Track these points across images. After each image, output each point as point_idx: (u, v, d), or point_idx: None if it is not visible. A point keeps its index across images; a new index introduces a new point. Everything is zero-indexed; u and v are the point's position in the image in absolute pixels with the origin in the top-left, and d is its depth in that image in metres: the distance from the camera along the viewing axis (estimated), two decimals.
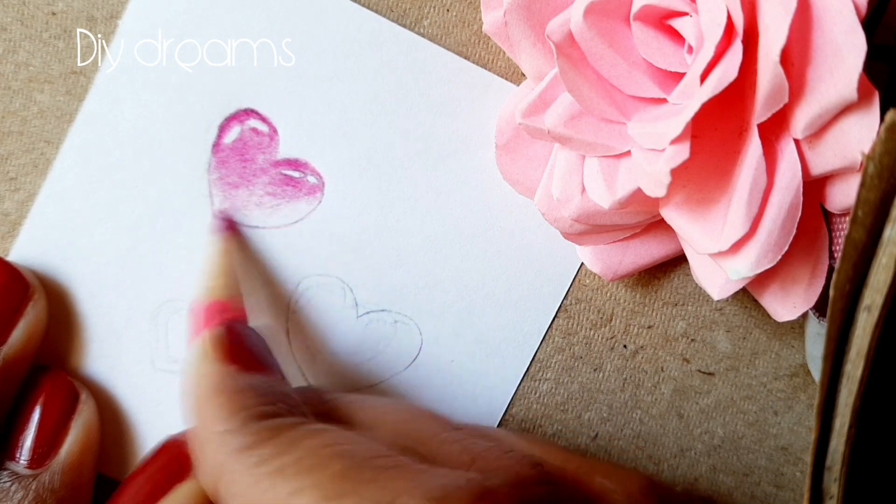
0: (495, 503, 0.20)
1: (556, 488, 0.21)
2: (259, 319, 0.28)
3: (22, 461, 0.25)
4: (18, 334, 0.26)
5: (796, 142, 0.23)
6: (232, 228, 0.28)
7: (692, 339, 0.29)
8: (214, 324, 0.24)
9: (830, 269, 0.25)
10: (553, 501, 0.21)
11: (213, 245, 0.27)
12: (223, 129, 0.28)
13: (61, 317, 0.28)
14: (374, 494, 0.19)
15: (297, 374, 0.29)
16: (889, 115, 0.17)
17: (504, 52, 0.28)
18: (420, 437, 0.24)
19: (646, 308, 0.29)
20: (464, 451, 0.23)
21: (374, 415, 0.25)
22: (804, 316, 0.26)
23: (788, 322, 0.27)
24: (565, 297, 0.29)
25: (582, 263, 0.28)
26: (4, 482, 0.25)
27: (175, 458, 0.25)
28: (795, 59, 0.21)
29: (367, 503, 0.19)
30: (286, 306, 0.28)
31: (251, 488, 0.20)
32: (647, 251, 0.27)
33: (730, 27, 0.21)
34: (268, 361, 0.24)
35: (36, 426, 0.26)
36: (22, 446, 0.26)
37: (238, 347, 0.24)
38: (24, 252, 0.28)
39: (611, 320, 0.29)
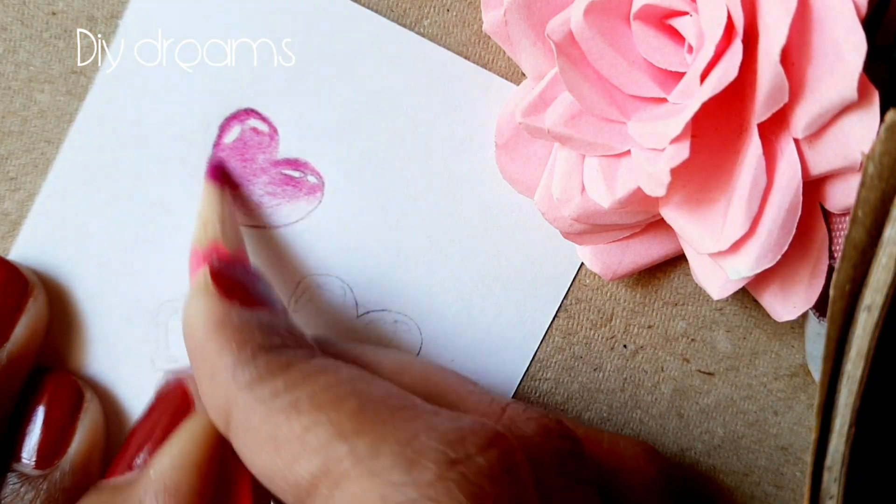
0: (507, 449, 0.19)
1: (580, 443, 0.21)
2: None
3: (28, 461, 0.25)
4: (20, 331, 0.26)
5: (796, 141, 0.23)
6: (224, 181, 0.27)
7: (692, 339, 0.29)
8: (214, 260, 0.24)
9: (830, 269, 0.25)
10: (577, 454, 0.21)
11: (208, 191, 0.26)
12: (224, 128, 0.28)
13: (61, 316, 0.28)
14: (392, 433, 0.19)
15: None
16: (889, 115, 0.17)
17: (504, 52, 0.28)
18: (448, 386, 0.23)
19: (646, 308, 0.29)
20: (493, 402, 0.22)
21: (400, 361, 0.24)
22: (804, 316, 0.26)
23: (788, 322, 0.27)
24: (565, 297, 0.29)
25: (582, 263, 0.28)
26: (14, 483, 0.25)
27: (178, 398, 0.24)
28: (795, 58, 0.21)
29: (386, 442, 0.19)
30: (286, 305, 0.28)
31: (264, 423, 0.20)
32: (647, 251, 0.27)
33: (730, 27, 0.21)
34: (271, 298, 0.23)
35: (41, 426, 0.26)
36: (27, 447, 0.25)
37: (240, 283, 0.23)
38: (25, 252, 0.28)
39: (611, 320, 0.29)
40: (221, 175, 0.27)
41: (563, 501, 0.21)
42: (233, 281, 0.23)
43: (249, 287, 0.23)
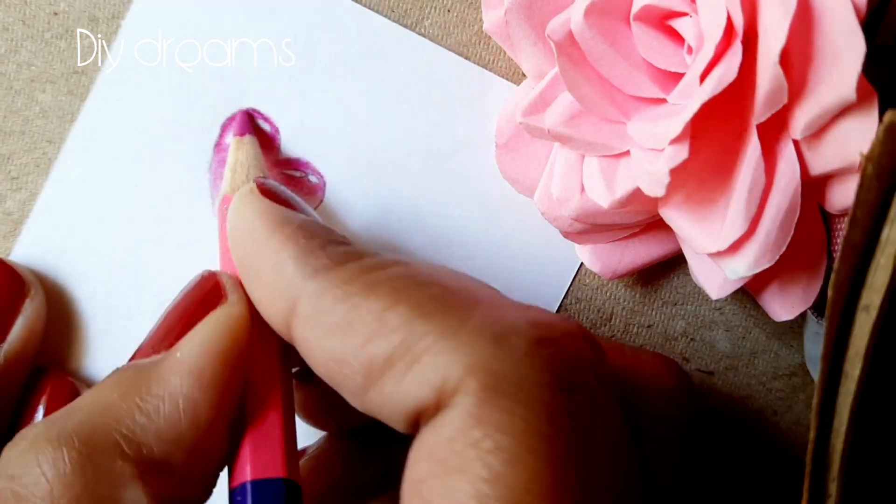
0: (588, 343, 0.19)
1: (602, 349, 0.21)
2: None
3: None
4: (17, 332, 0.26)
5: (795, 142, 0.23)
6: (257, 132, 0.27)
7: (691, 339, 0.29)
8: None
9: (829, 270, 0.25)
10: (601, 358, 0.21)
11: (241, 147, 0.26)
12: (225, 128, 0.28)
13: (62, 316, 0.28)
14: (477, 314, 0.19)
15: None
16: (888, 116, 0.17)
17: (505, 53, 0.28)
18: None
19: (645, 307, 0.29)
20: (528, 307, 0.22)
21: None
22: (803, 316, 0.26)
23: (787, 322, 0.27)
24: (565, 297, 0.29)
25: (582, 263, 0.28)
26: None
27: (209, 289, 0.23)
28: (795, 59, 0.21)
29: (471, 320, 0.18)
30: None
31: (339, 303, 0.19)
32: (647, 250, 0.27)
33: (730, 28, 0.21)
34: (315, 214, 0.23)
35: None
36: None
37: (286, 196, 0.23)
38: (26, 251, 0.28)
39: (610, 319, 0.29)
40: (249, 127, 0.27)
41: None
42: (279, 193, 0.23)
43: (295, 202, 0.23)
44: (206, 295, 0.22)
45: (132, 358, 0.22)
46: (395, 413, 0.19)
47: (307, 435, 0.27)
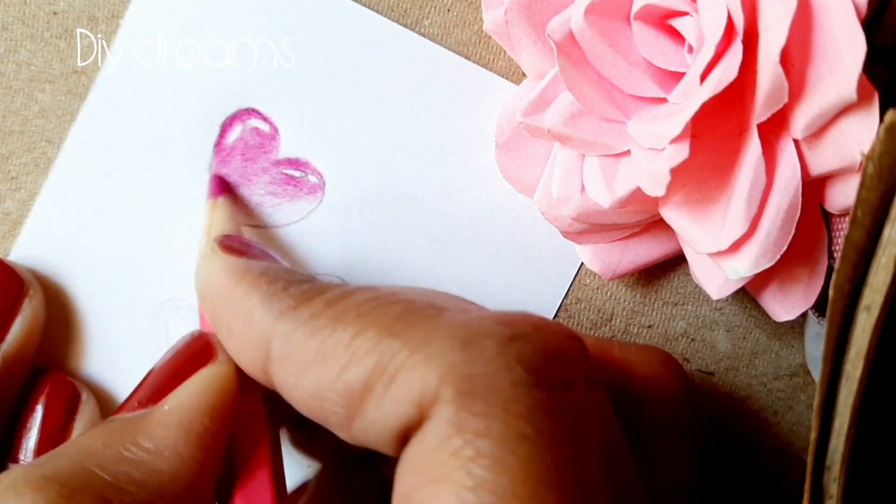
0: (557, 332, 0.19)
1: (585, 347, 0.21)
2: None
3: (26, 462, 0.25)
4: (16, 332, 0.26)
5: (796, 142, 0.23)
6: (228, 191, 0.27)
7: (692, 339, 0.29)
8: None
9: (829, 270, 0.25)
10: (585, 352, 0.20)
11: (215, 209, 0.26)
12: (225, 128, 0.28)
13: (61, 316, 0.28)
14: (444, 322, 0.18)
15: None
16: (888, 116, 0.17)
17: (505, 53, 0.28)
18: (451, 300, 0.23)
19: (646, 308, 0.29)
20: (497, 311, 0.22)
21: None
22: (804, 316, 0.26)
23: (788, 322, 0.27)
24: (565, 297, 0.29)
25: (582, 263, 0.28)
26: None
27: (199, 347, 0.23)
28: (795, 59, 0.21)
29: (439, 329, 0.18)
30: None
31: (309, 340, 0.19)
32: (647, 250, 0.27)
33: (730, 27, 0.21)
34: (276, 259, 0.23)
35: (39, 427, 0.26)
36: (25, 448, 0.25)
37: (246, 246, 0.23)
38: (25, 251, 0.28)
39: (611, 320, 0.29)
40: (223, 188, 0.27)
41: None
42: (239, 245, 0.23)
43: (255, 250, 0.23)
44: (195, 353, 0.23)
45: (117, 411, 0.22)
46: (382, 437, 0.19)
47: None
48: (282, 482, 0.22)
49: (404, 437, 0.18)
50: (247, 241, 0.24)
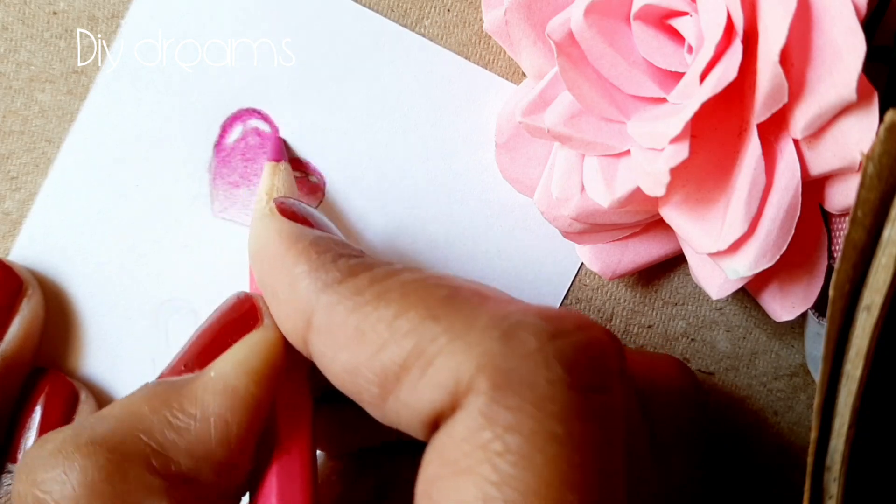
0: (600, 334, 0.19)
1: (623, 347, 0.20)
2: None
3: None
4: (15, 331, 0.25)
5: (795, 142, 0.23)
6: (281, 157, 0.27)
7: (692, 339, 0.29)
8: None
9: (829, 270, 0.25)
10: (624, 356, 0.20)
11: (277, 172, 0.26)
12: (225, 128, 0.28)
13: (61, 316, 0.28)
14: (487, 312, 0.18)
15: None
16: (888, 116, 0.17)
17: (505, 53, 0.28)
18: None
19: (646, 308, 0.29)
20: (539, 306, 0.22)
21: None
22: (804, 316, 0.26)
23: (788, 322, 0.27)
24: (565, 297, 0.29)
25: (582, 263, 0.28)
26: (9, 485, 0.25)
27: (245, 311, 0.23)
28: (795, 59, 0.21)
29: (481, 318, 0.18)
30: None
31: (351, 315, 0.19)
32: (647, 250, 0.27)
33: (730, 27, 0.21)
34: (333, 230, 0.23)
35: (38, 427, 0.26)
36: (25, 448, 0.25)
37: (304, 212, 0.23)
38: (25, 251, 0.28)
39: (611, 320, 0.29)
40: (286, 154, 0.27)
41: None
42: (297, 210, 0.23)
43: (312, 217, 0.23)
44: (241, 317, 0.22)
45: (162, 375, 0.22)
46: (413, 421, 0.18)
47: None
48: (315, 455, 0.22)
49: (435, 423, 0.18)
50: (305, 208, 0.24)
